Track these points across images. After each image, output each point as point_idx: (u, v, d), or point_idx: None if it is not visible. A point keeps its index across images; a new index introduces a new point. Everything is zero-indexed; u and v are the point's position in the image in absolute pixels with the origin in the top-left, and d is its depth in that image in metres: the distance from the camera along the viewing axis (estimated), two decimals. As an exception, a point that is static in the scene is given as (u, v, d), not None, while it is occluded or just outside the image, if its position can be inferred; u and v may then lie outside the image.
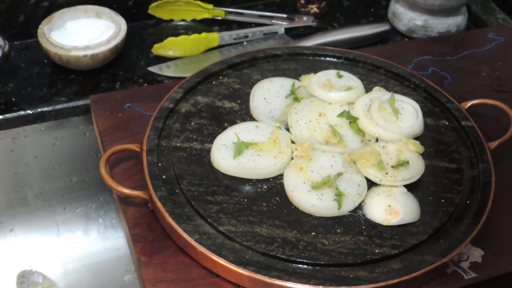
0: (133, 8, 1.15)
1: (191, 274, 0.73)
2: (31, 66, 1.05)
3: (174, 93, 0.89)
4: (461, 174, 0.81)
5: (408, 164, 0.80)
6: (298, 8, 1.19)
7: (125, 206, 0.80)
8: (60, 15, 1.06)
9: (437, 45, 1.06)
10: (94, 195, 1.09)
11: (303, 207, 0.76)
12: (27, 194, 1.07)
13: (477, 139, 0.85)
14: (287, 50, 0.98)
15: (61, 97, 1.01)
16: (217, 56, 1.08)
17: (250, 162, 0.79)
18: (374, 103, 0.86)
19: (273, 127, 0.84)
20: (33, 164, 1.05)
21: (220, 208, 0.76)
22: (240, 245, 0.73)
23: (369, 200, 0.77)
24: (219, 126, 0.86)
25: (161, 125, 0.85)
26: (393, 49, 1.05)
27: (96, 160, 1.06)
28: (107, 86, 1.03)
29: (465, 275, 0.74)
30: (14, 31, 1.09)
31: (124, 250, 1.05)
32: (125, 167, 0.84)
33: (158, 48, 1.07)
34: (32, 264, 1.04)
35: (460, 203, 0.78)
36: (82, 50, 1.00)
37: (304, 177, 0.78)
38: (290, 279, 0.70)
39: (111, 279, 1.05)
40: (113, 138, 0.87)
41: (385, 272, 0.71)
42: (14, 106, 0.99)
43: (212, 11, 1.15)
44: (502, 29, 1.11)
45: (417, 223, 0.76)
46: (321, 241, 0.73)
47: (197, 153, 0.82)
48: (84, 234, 1.09)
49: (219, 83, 0.92)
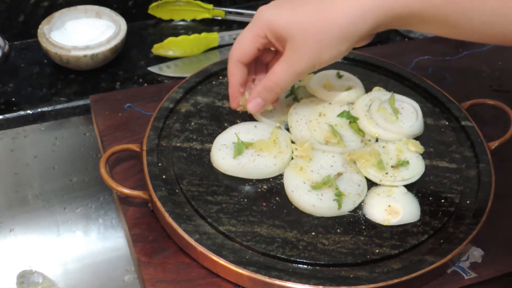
0: (133, 8, 1.15)
1: (191, 274, 0.73)
2: (31, 66, 1.05)
3: (174, 93, 0.89)
4: (461, 174, 0.81)
5: (408, 164, 0.80)
6: (298, 8, 1.19)
7: (125, 206, 0.80)
8: (60, 15, 1.06)
9: (437, 45, 1.06)
10: (94, 195, 1.09)
11: (303, 207, 0.76)
12: (27, 194, 1.07)
13: (477, 139, 0.85)
14: (287, 50, 0.98)
15: (61, 97, 1.01)
16: (217, 56, 1.08)
17: (250, 162, 0.79)
18: (374, 103, 0.86)
19: (273, 127, 0.84)
20: (33, 164, 1.05)
21: (220, 208, 0.76)
22: (240, 245, 0.73)
23: (369, 200, 0.77)
24: (219, 126, 0.86)
25: (161, 125, 0.85)
26: (393, 49, 1.05)
27: (96, 160, 1.06)
28: (107, 86, 1.03)
29: (465, 275, 0.74)
30: (14, 31, 1.09)
31: (124, 250, 1.05)
32: (125, 167, 0.84)
33: (158, 48, 1.07)
34: (32, 264, 1.04)
35: (460, 203, 0.78)
36: (82, 50, 1.00)
37: (304, 177, 0.78)
38: (290, 279, 0.70)
39: (111, 279, 1.05)
40: (113, 138, 0.87)
41: (385, 272, 0.71)
42: (14, 106, 0.99)
43: (212, 11, 1.15)
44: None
45: (417, 223, 0.76)
46: (321, 241, 0.73)
47: (197, 153, 0.82)
48: (84, 234, 1.09)
49: (219, 83, 0.92)
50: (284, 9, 0.71)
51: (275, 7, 0.72)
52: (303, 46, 0.70)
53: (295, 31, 0.70)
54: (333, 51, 0.71)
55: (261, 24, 0.72)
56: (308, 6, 0.69)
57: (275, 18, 0.71)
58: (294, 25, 0.70)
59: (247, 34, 0.74)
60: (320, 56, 0.72)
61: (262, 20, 0.72)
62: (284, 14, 0.71)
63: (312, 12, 0.69)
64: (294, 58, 0.72)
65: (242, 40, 0.75)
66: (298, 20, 0.70)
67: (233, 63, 0.77)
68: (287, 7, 0.71)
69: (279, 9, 0.71)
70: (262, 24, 0.72)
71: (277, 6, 0.72)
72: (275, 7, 0.72)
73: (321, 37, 0.69)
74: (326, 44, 0.70)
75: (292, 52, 0.71)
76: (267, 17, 0.72)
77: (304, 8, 0.70)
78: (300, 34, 0.70)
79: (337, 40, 0.70)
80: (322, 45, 0.70)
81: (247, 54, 0.75)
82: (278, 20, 0.71)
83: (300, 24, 0.70)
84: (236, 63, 0.77)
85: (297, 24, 0.70)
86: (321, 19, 0.69)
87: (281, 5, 0.72)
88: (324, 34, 0.69)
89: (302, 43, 0.70)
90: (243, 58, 0.76)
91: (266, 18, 0.72)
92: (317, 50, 0.70)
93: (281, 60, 0.74)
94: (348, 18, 0.68)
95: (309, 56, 0.71)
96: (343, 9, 0.68)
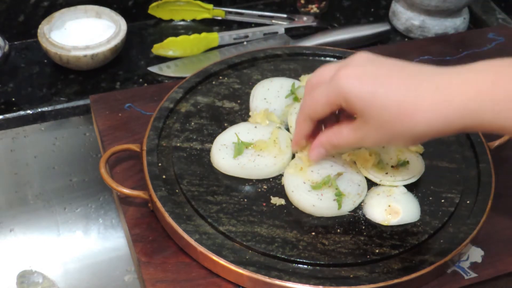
0: (133, 8, 1.15)
1: (191, 274, 0.73)
2: (31, 66, 1.05)
3: (174, 93, 0.89)
4: (461, 174, 0.81)
5: (408, 164, 0.80)
6: (298, 8, 1.19)
7: (125, 206, 0.80)
8: (60, 15, 1.06)
9: (437, 45, 1.06)
10: (94, 195, 1.09)
11: (303, 207, 0.76)
12: (27, 194, 1.07)
13: (477, 139, 0.85)
14: (287, 50, 0.98)
15: (61, 97, 1.01)
16: (217, 56, 1.08)
17: (250, 162, 0.79)
18: (374, 103, 0.86)
19: (273, 127, 0.84)
20: (33, 164, 1.05)
21: (220, 208, 0.76)
22: (240, 245, 0.73)
23: (369, 200, 0.77)
24: (219, 126, 0.86)
25: (161, 125, 0.85)
26: (393, 49, 1.05)
27: (96, 160, 1.06)
28: (107, 86, 1.03)
29: (465, 275, 0.74)
30: (14, 31, 1.09)
31: (124, 250, 1.05)
32: (125, 167, 0.84)
33: (158, 48, 1.07)
34: (32, 264, 1.04)
35: (460, 203, 0.78)
36: (82, 50, 1.00)
37: (304, 177, 0.78)
38: (290, 279, 0.70)
39: (111, 279, 1.05)
40: (113, 138, 0.87)
41: (385, 272, 0.71)
42: (14, 106, 0.99)
43: (212, 11, 1.15)
44: (502, 29, 1.11)
45: (417, 223, 0.76)
46: (321, 241, 0.73)
47: (197, 153, 0.82)
48: (84, 234, 1.09)
49: (219, 83, 0.92)
50: (366, 85, 0.66)
51: (356, 79, 0.67)
52: (375, 130, 0.67)
53: (372, 114, 0.66)
54: (401, 143, 0.69)
55: (338, 93, 0.68)
56: (392, 94, 0.65)
57: (354, 91, 0.66)
58: (373, 109, 0.66)
59: (322, 96, 0.70)
60: (387, 142, 0.71)
61: (341, 91, 0.67)
62: (364, 93, 0.66)
63: (394, 102, 0.64)
64: (363, 133, 0.69)
65: (316, 99, 0.71)
66: (378, 104, 0.65)
67: (302, 118, 0.75)
68: (370, 83, 0.66)
69: (361, 84, 0.66)
70: (339, 93, 0.67)
71: (359, 79, 0.66)
72: (356, 79, 0.67)
73: (395, 130, 0.66)
74: (398, 137, 0.67)
75: (363, 126, 0.68)
76: (346, 89, 0.67)
77: (387, 94, 0.65)
78: (376, 118, 0.66)
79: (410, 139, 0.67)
80: (393, 137, 0.67)
81: (318, 113, 0.72)
82: (356, 95, 0.66)
83: (378, 109, 0.65)
84: (306, 117, 0.74)
85: (376, 109, 0.65)
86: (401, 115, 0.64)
87: (363, 80, 0.66)
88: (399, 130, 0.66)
89: (376, 126, 0.67)
90: (313, 116, 0.73)
91: (345, 90, 0.67)
92: (387, 139, 0.68)
93: (351, 125, 0.70)
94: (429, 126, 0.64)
95: (378, 138, 0.68)
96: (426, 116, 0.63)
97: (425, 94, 0.64)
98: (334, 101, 0.69)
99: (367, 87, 0.66)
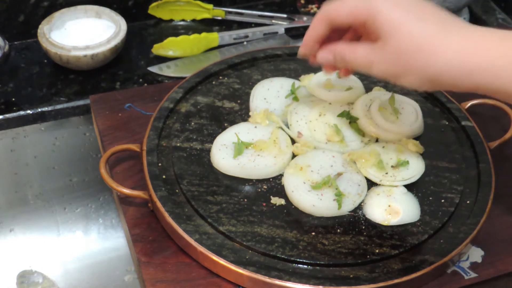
0: (133, 8, 1.14)
1: (191, 274, 0.73)
2: (31, 66, 1.05)
3: (174, 93, 0.89)
4: (461, 174, 0.81)
5: (408, 164, 0.80)
6: (298, 8, 1.19)
7: (125, 206, 0.80)
8: (60, 15, 1.06)
9: (437, 45, 1.06)
10: (94, 195, 1.09)
11: (303, 207, 0.76)
12: (27, 194, 1.07)
13: (477, 139, 0.85)
14: (287, 50, 0.98)
15: (61, 97, 1.01)
16: (217, 56, 1.08)
17: (250, 162, 0.79)
18: (374, 103, 0.86)
19: (273, 127, 0.84)
20: (33, 164, 1.05)
21: (220, 208, 0.76)
22: (240, 245, 0.73)
23: (369, 200, 0.77)
24: (219, 126, 0.86)
25: (161, 125, 0.85)
26: (393, 49, 1.05)
27: (96, 160, 1.06)
28: (107, 86, 1.03)
29: (465, 275, 0.74)
30: (14, 31, 1.09)
31: (124, 250, 1.05)
32: (125, 167, 0.84)
33: (158, 48, 1.07)
34: (32, 264, 1.04)
35: (460, 203, 0.78)
36: (82, 50, 1.00)
37: (304, 177, 0.78)
38: (290, 279, 0.70)
39: (111, 279, 1.05)
40: (113, 138, 0.87)
41: (385, 272, 0.71)
42: (14, 106, 0.99)
43: (212, 11, 1.15)
44: (502, 29, 1.11)
45: (417, 223, 0.76)
46: (321, 241, 0.73)
47: (197, 153, 0.82)
48: (84, 234, 1.09)
49: (219, 83, 0.92)
50: (399, 10, 0.63)
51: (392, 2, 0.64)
52: (390, 58, 0.64)
53: (394, 39, 0.63)
54: (410, 80, 0.65)
55: (370, 8, 0.64)
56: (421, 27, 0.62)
57: (385, 12, 0.63)
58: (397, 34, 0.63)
59: (351, 5, 0.66)
60: (396, 76, 0.66)
61: (373, 6, 0.64)
62: (395, 16, 0.63)
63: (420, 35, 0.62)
64: (376, 57, 0.66)
65: (345, 4, 0.67)
66: (403, 31, 0.63)
67: (320, 19, 0.70)
68: (404, 10, 0.63)
69: (395, 6, 0.64)
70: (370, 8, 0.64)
71: (395, 3, 0.64)
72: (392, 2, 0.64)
73: (410, 64, 0.63)
74: (408, 73, 0.64)
75: (379, 50, 0.65)
76: (379, 7, 0.64)
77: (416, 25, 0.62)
78: (395, 45, 0.63)
79: (420, 77, 0.64)
80: (405, 71, 0.64)
81: (339, 19, 0.68)
82: (385, 15, 0.63)
83: (402, 37, 0.63)
84: (325, 19, 0.70)
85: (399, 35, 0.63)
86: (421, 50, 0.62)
87: (399, 4, 0.64)
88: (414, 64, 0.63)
89: (392, 55, 0.64)
90: (334, 19, 0.69)
91: (377, 8, 0.64)
92: (398, 71, 0.65)
93: (368, 46, 0.67)
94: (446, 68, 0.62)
95: (389, 69, 0.65)
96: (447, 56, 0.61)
97: (454, 38, 0.62)
98: (361, 14, 0.66)
99: (399, 12, 0.63)
